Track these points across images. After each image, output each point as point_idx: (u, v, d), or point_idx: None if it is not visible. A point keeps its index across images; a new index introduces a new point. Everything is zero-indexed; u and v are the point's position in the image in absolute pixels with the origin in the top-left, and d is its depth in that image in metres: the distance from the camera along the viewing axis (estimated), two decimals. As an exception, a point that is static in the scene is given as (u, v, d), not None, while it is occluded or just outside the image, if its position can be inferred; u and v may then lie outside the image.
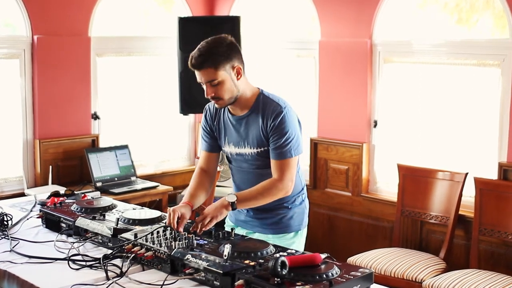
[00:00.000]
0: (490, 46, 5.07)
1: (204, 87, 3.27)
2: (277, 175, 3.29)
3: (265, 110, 3.30)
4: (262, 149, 3.33)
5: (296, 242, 3.47)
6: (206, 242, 3.04)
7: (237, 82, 3.27)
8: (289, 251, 2.99)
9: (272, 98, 3.35)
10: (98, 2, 6.02)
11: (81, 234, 3.36)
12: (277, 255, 2.89)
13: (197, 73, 3.25)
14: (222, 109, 3.46)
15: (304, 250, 3.42)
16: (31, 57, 5.68)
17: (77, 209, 3.62)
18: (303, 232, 3.54)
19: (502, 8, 4.96)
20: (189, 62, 3.25)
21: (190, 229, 3.15)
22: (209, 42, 3.27)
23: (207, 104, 3.56)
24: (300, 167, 3.50)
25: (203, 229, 3.14)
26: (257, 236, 3.42)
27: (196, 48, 3.25)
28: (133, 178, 6.08)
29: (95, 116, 6.13)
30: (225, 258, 2.73)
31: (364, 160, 5.77)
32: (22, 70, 5.66)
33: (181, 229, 3.12)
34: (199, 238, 3.08)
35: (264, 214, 3.41)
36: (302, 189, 3.54)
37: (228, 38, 3.30)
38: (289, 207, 3.45)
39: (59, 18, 5.80)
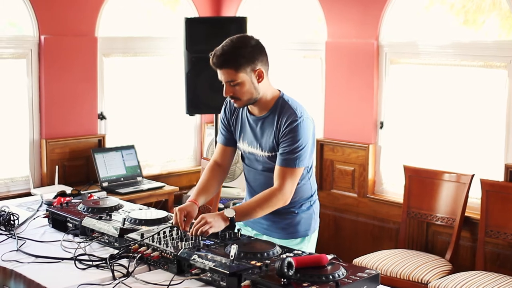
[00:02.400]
0: (497, 47, 5.06)
1: (224, 85, 3.24)
2: (278, 184, 3.23)
3: (281, 115, 3.25)
4: (272, 154, 3.31)
5: (304, 248, 3.38)
6: (212, 242, 3.04)
7: (258, 85, 3.22)
8: (295, 251, 2.98)
9: (291, 104, 3.28)
10: (105, 2, 6.03)
11: (88, 234, 3.36)
12: (284, 256, 2.89)
13: (218, 71, 3.22)
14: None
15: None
16: (38, 57, 5.69)
17: (83, 209, 3.63)
18: (311, 238, 3.48)
19: (509, 9, 4.95)
20: (210, 59, 3.20)
21: (189, 233, 3.09)
22: (234, 41, 3.21)
23: (227, 97, 3.47)
24: (313, 172, 3.48)
25: (198, 234, 3.05)
26: (264, 238, 3.39)
27: (220, 46, 3.21)
28: (139, 178, 6.09)
29: (102, 116, 6.14)
30: (232, 258, 2.73)
31: (370, 161, 5.76)
32: (29, 70, 5.67)
33: (187, 229, 3.12)
34: (205, 238, 3.07)
35: (272, 218, 3.39)
36: (312, 195, 3.48)
37: (254, 39, 3.26)
38: (296, 212, 3.41)
39: (66, 18, 5.81)
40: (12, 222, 3.57)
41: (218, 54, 3.18)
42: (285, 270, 2.56)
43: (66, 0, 5.81)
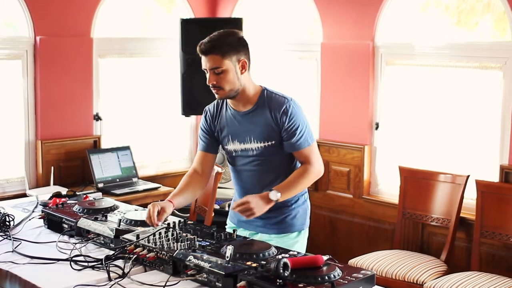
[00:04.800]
0: (492, 49, 5.07)
1: (208, 75, 3.31)
2: (305, 162, 3.39)
3: (272, 104, 3.35)
4: (269, 143, 3.36)
5: (299, 241, 3.48)
6: (208, 243, 3.05)
7: (241, 76, 3.32)
8: (291, 252, 2.99)
9: (276, 93, 3.41)
10: (100, 3, 6.02)
11: (83, 235, 3.36)
12: (279, 256, 2.89)
13: (203, 59, 3.31)
14: (224, 107, 3.49)
15: (306, 251, 3.42)
16: (33, 58, 5.68)
17: (79, 210, 3.63)
18: (306, 232, 3.56)
19: (503, 11, 4.96)
20: (197, 48, 3.31)
21: (231, 208, 3.27)
22: (220, 32, 3.35)
23: (207, 106, 3.59)
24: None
25: (242, 214, 3.21)
26: (259, 236, 3.43)
27: (208, 36, 3.32)
28: (134, 179, 6.08)
29: (97, 117, 6.14)
30: (227, 259, 2.74)
31: (365, 162, 5.77)
32: (24, 71, 5.66)
33: (159, 223, 3.16)
34: (201, 239, 3.08)
35: (267, 214, 3.41)
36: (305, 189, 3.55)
37: (240, 33, 3.39)
38: (293, 206, 3.47)
39: (61, 19, 5.80)
40: (7, 223, 3.57)
41: (205, 41, 3.30)
42: (281, 270, 2.56)
43: (62, 1, 5.80)
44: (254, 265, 2.74)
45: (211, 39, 3.29)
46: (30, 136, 5.75)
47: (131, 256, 2.97)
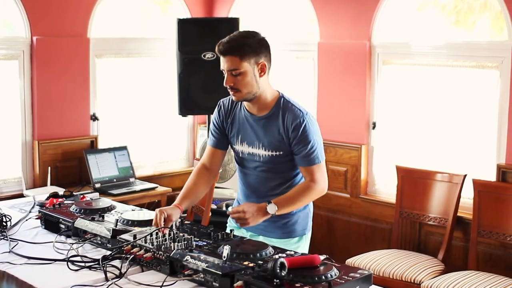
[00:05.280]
0: (489, 48, 5.08)
1: (225, 75, 3.24)
2: (309, 179, 3.32)
3: (286, 115, 3.27)
4: (277, 153, 3.31)
5: (301, 246, 3.44)
6: (205, 243, 3.04)
7: (259, 79, 3.25)
8: (288, 252, 2.99)
9: (293, 103, 3.33)
10: (97, 3, 6.02)
11: (80, 235, 3.36)
12: (276, 256, 2.89)
13: (221, 59, 3.23)
14: (239, 106, 3.41)
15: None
16: (30, 58, 5.68)
17: (76, 210, 3.62)
18: (307, 237, 3.51)
19: (500, 10, 4.96)
20: (216, 48, 3.22)
21: (228, 212, 3.23)
22: (241, 32, 3.29)
23: (221, 100, 3.50)
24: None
25: (237, 222, 3.20)
26: (261, 239, 3.38)
27: (228, 36, 3.25)
28: (132, 179, 6.08)
29: (94, 117, 6.13)
30: (224, 259, 2.73)
31: (362, 162, 5.77)
32: (21, 71, 5.66)
33: (166, 231, 3.09)
34: (198, 239, 3.08)
35: (269, 218, 3.40)
36: None
37: (261, 35, 3.30)
38: (294, 211, 3.42)
39: (58, 19, 5.80)
40: (4, 224, 3.56)
41: (224, 41, 3.22)
42: (278, 270, 2.56)
43: (58, 1, 5.80)
44: (251, 265, 2.73)
45: (230, 39, 3.21)
46: (27, 136, 5.75)
47: (128, 256, 2.96)
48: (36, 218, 3.71)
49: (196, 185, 3.45)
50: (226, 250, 2.76)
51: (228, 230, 3.36)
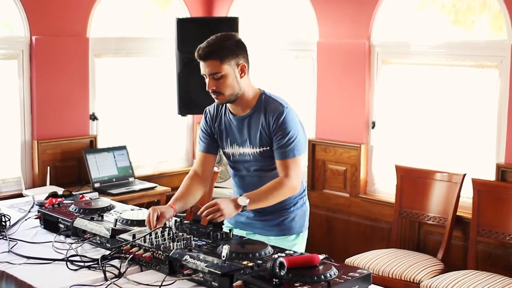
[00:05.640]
0: (488, 47, 5.08)
1: (207, 80, 3.29)
2: (283, 174, 3.30)
3: (267, 109, 3.32)
4: (264, 148, 3.35)
5: (298, 244, 3.47)
6: (204, 243, 3.04)
7: (240, 80, 3.29)
8: (287, 252, 2.99)
9: (274, 97, 3.38)
10: (96, 3, 6.02)
11: (79, 235, 3.36)
12: (276, 256, 2.89)
13: (201, 64, 3.28)
14: (223, 111, 3.47)
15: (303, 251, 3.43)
16: (29, 57, 5.68)
17: (75, 210, 3.62)
18: (305, 234, 3.55)
19: (499, 9, 4.96)
20: (196, 53, 3.27)
21: (198, 213, 3.20)
22: (218, 36, 3.31)
23: (207, 107, 3.57)
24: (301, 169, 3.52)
25: (209, 218, 3.14)
26: (258, 237, 3.40)
27: (205, 41, 3.29)
28: (131, 179, 6.08)
29: (93, 117, 6.13)
30: (224, 259, 2.73)
31: (362, 161, 5.77)
32: (20, 70, 5.65)
33: (158, 226, 3.11)
34: (197, 239, 3.08)
35: (265, 216, 3.42)
36: (304, 190, 3.56)
37: (237, 36, 3.35)
38: (291, 209, 3.46)
39: (57, 19, 5.80)
40: (3, 223, 3.56)
41: (203, 46, 3.27)
42: (277, 270, 2.56)
43: (58, 1, 5.79)
44: (250, 264, 2.74)
45: (209, 44, 3.25)
46: (26, 136, 5.75)
47: (127, 256, 2.96)
48: (35, 218, 3.71)
49: (188, 189, 3.48)
50: (225, 249, 2.77)
51: (227, 230, 3.36)
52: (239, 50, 3.29)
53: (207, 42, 3.27)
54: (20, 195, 5.24)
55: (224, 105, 3.46)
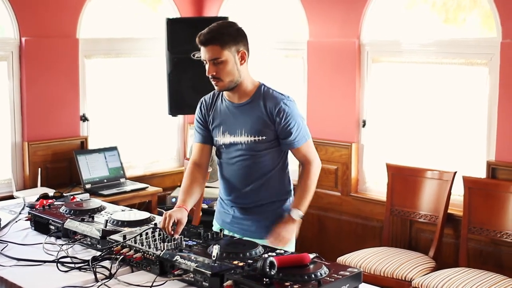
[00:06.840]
0: (478, 45, 5.09)
1: (207, 66, 3.30)
2: (305, 160, 3.47)
3: (267, 100, 3.36)
4: (259, 138, 3.35)
5: (290, 244, 3.44)
6: (194, 243, 3.04)
7: (240, 67, 3.31)
8: (277, 251, 2.99)
9: (274, 90, 3.44)
10: (86, 3, 6.01)
11: (70, 236, 3.35)
12: (266, 255, 2.89)
13: (202, 50, 3.29)
14: (220, 98, 3.47)
15: (294, 251, 3.42)
16: (19, 59, 5.66)
17: (66, 211, 3.61)
18: (293, 237, 3.51)
19: (489, 7, 4.98)
20: (197, 39, 3.29)
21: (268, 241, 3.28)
22: (219, 23, 3.35)
23: (204, 97, 3.57)
24: (289, 168, 3.53)
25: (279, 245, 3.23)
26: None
27: (207, 27, 3.31)
28: (122, 180, 6.07)
29: (84, 118, 6.12)
30: (214, 259, 2.73)
31: (353, 160, 5.78)
32: (10, 72, 5.64)
33: (176, 236, 3.06)
34: (187, 239, 3.07)
35: (255, 218, 3.41)
36: (291, 189, 3.56)
37: (238, 24, 3.39)
38: (283, 208, 3.46)
39: (47, 20, 5.78)
40: (-6, 225, 3.55)
41: (205, 32, 3.29)
42: (267, 269, 2.56)
43: (47, 2, 5.78)
44: (240, 264, 2.74)
45: (210, 30, 3.27)
46: (17, 137, 5.73)
47: (118, 256, 2.96)
48: (26, 220, 3.70)
49: (192, 184, 3.46)
50: (215, 249, 2.77)
51: (217, 230, 3.36)
52: (239, 37, 3.32)
53: (209, 28, 3.29)
54: (10, 197, 5.22)
55: (221, 93, 3.46)
